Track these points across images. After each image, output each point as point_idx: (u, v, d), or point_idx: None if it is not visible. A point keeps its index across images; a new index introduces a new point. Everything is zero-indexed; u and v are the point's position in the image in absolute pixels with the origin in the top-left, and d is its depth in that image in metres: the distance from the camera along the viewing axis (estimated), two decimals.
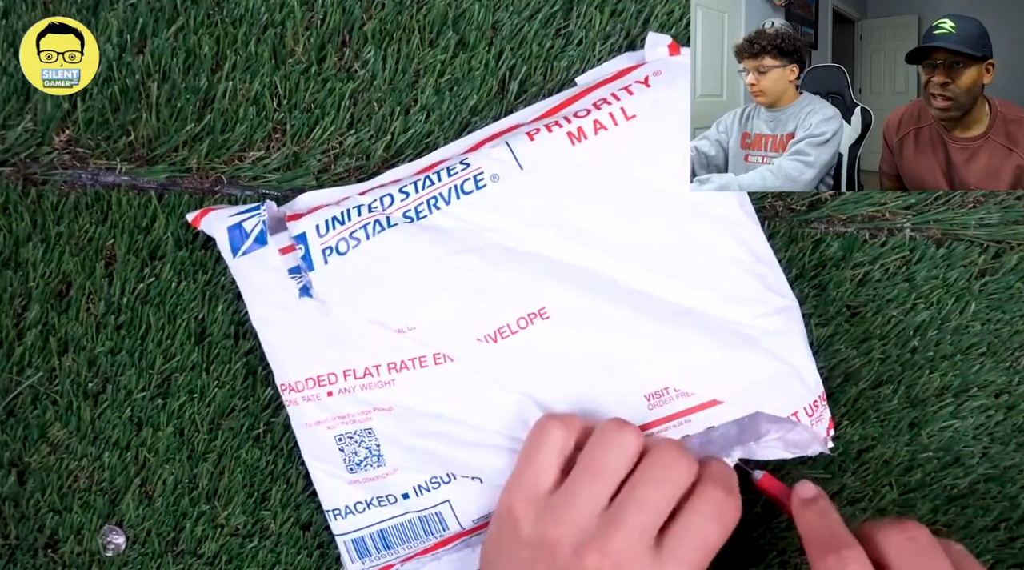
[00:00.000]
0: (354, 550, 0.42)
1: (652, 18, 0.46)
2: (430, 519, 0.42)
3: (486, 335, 0.40)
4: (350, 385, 0.40)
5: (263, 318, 0.42)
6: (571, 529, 0.35)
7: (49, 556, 0.45)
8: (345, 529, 0.42)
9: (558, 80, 0.46)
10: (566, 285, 0.40)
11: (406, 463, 0.41)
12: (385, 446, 0.41)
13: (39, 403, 0.45)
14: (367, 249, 0.40)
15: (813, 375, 0.42)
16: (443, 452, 0.41)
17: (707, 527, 0.35)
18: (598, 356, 0.40)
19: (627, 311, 0.40)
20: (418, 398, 0.40)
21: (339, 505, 0.42)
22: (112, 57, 0.45)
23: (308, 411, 0.41)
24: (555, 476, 0.37)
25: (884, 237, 0.46)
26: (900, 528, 0.35)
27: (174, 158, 0.45)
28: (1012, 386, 0.46)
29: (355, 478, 0.42)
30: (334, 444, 0.41)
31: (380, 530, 0.42)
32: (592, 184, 0.41)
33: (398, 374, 0.40)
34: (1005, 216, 0.46)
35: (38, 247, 0.45)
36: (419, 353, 0.40)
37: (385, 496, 0.42)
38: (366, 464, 0.41)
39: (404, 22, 0.46)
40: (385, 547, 0.42)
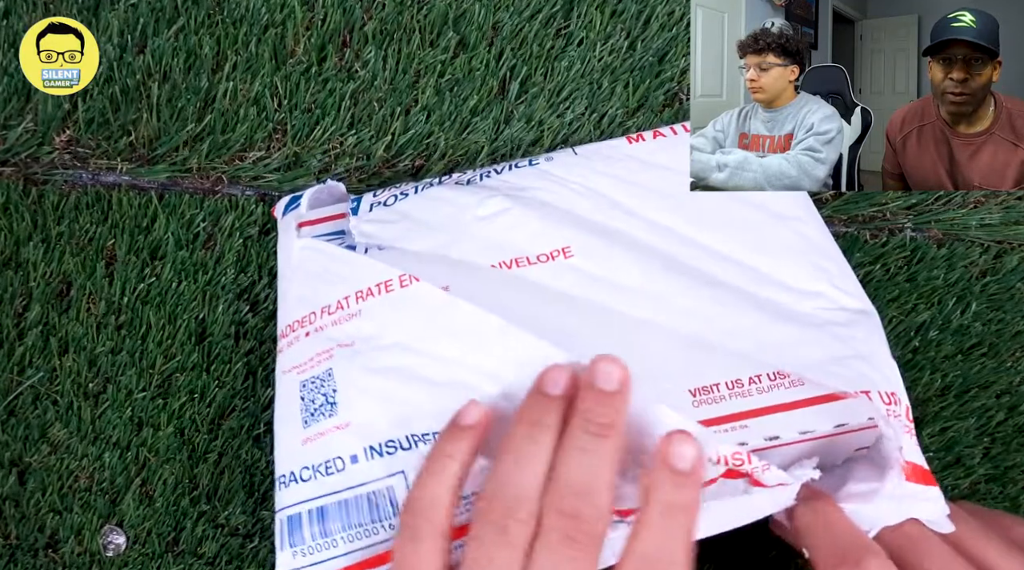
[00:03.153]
0: (287, 531, 0.36)
1: (652, 18, 0.46)
2: (379, 497, 0.35)
3: (500, 261, 0.37)
4: (324, 322, 0.38)
5: (279, 275, 0.41)
6: None
7: (49, 556, 0.45)
8: (285, 502, 0.36)
9: (559, 81, 0.46)
10: (595, 232, 0.38)
11: (360, 414, 0.36)
12: (341, 390, 0.36)
13: (40, 403, 0.45)
14: (412, 199, 0.40)
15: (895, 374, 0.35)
16: (400, 397, 0.35)
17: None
18: (628, 311, 0.35)
19: (658, 268, 0.36)
20: (379, 326, 0.36)
21: (286, 470, 0.37)
22: (113, 57, 0.45)
23: (285, 358, 0.39)
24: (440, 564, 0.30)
25: (885, 237, 0.46)
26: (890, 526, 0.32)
27: (175, 158, 0.45)
28: (1013, 386, 0.46)
29: (308, 434, 0.37)
30: (298, 393, 0.37)
31: (320, 507, 0.35)
32: (645, 173, 0.41)
33: (364, 302, 0.37)
34: (1006, 216, 0.46)
35: (39, 247, 0.45)
36: (385, 277, 0.37)
37: (332, 460, 0.36)
38: (319, 413, 0.36)
39: (405, 22, 0.46)
40: (322, 532, 0.35)
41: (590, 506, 0.28)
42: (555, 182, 0.40)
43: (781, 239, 0.39)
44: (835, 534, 0.31)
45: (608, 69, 0.46)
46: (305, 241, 0.40)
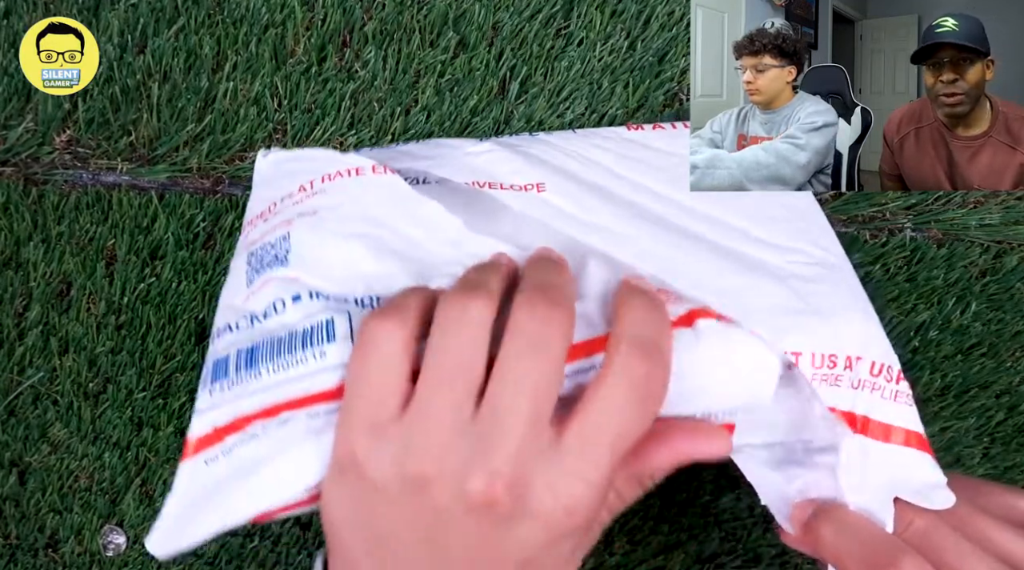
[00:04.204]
0: (211, 373, 0.32)
1: (653, 18, 0.46)
2: (314, 329, 0.30)
3: (474, 181, 0.35)
4: (284, 206, 0.35)
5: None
6: (438, 457, 0.26)
7: (50, 556, 0.45)
8: (216, 350, 0.33)
9: (559, 81, 0.46)
10: (574, 179, 0.37)
11: (314, 267, 0.32)
12: (295, 249, 0.33)
13: (40, 403, 0.45)
14: (413, 143, 0.41)
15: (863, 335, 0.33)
16: (363, 258, 0.32)
17: (622, 412, 0.26)
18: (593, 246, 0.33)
19: (631, 215, 0.35)
20: (351, 199, 0.34)
21: (222, 323, 0.33)
22: (113, 57, 0.45)
23: (240, 245, 0.36)
24: (399, 393, 0.27)
25: (885, 237, 0.46)
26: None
27: (175, 158, 0.45)
28: (1013, 386, 0.46)
29: (252, 289, 0.33)
30: (245, 261, 0.34)
31: (251, 346, 0.31)
32: (643, 151, 0.40)
33: (331, 182, 0.35)
34: (1006, 216, 0.46)
35: (39, 247, 0.45)
36: (357, 164, 0.35)
37: (273, 303, 0.32)
38: (267, 266, 0.33)
39: (405, 22, 0.46)
40: (248, 365, 0.31)
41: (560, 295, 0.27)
42: (552, 147, 0.39)
43: (769, 209, 0.37)
44: (862, 539, 0.30)
45: (608, 69, 0.46)
46: (272, 155, 0.38)
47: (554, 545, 0.27)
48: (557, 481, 0.26)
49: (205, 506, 0.29)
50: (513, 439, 0.26)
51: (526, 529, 0.26)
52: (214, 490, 0.29)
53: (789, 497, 0.34)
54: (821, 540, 0.31)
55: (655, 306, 0.29)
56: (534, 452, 0.26)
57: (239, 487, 0.29)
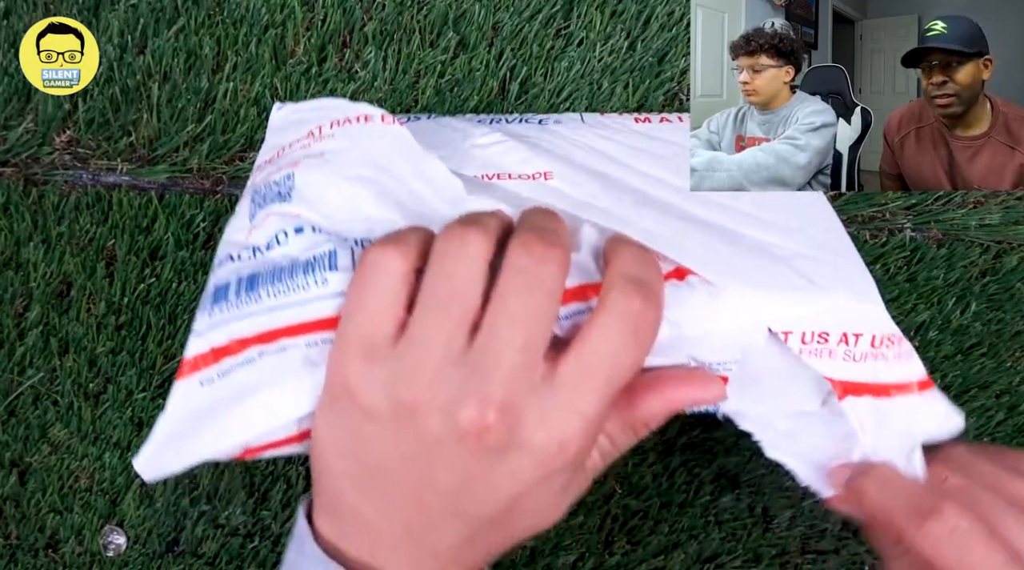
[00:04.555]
0: (211, 297, 0.32)
1: (652, 18, 0.46)
2: (316, 258, 0.30)
3: (483, 174, 0.36)
4: (291, 150, 0.35)
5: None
6: (430, 384, 0.26)
7: (50, 556, 0.45)
8: (218, 276, 0.32)
9: (559, 81, 0.46)
10: (582, 169, 0.37)
11: (318, 206, 0.32)
12: (300, 187, 0.32)
13: (40, 403, 0.45)
14: (423, 122, 0.40)
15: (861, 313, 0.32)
16: (367, 201, 0.32)
17: (616, 346, 0.26)
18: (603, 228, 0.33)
19: (634, 202, 0.35)
20: (358, 145, 0.33)
21: (224, 254, 0.33)
22: (113, 57, 0.45)
23: (246, 189, 0.36)
24: (395, 320, 0.27)
25: (885, 237, 0.46)
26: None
27: (175, 158, 0.45)
28: (1013, 386, 0.46)
29: (254, 223, 0.33)
30: (250, 199, 0.34)
31: (252, 273, 0.31)
32: (649, 142, 0.40)
33: (339, 128, 0.34)
34: (1006, 216, 0.46)
35: (39, 247, 0.45)
36: (367, 112, 0.34)
37: (276, 234, 0.32)
38: (270, 200, 0.33)
39: (404, 23, 0.46)
40: (249, 288, 0.31)
41: (555, 235, 0.27)
42: (559, 137, 0.40)
43: (778, 198, 0.37)
44: (903, 491, 0.31)
45: (608, 69, 0.46)
46: (285, 108, 0.38)
47: (545, 480, 0.27)
48: (550, 414, 0.26)
49: (197, 427, 0.29)
50: (506, 370, 0.25)
51: (517, 461, 0.26)
52: (208, 412, 0.29)
53: (821, 463, 0.34)
54: (865, 497, 0.31)
55: (646, 251, 0.29)
56: (527, 385, 0.26)
57: (232, 411, 0.29)
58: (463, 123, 0.40)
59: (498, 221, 0.29)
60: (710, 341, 0.31)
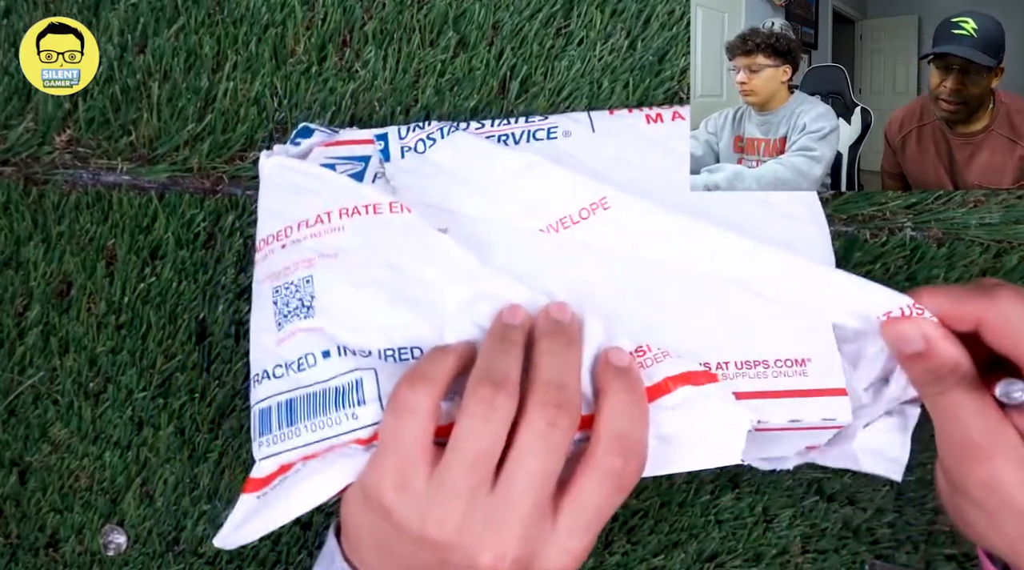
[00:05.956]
0: (259, 423, 0.37)
1: (653, 17, 0.46)
2: (345, 389, 0.35)
3: (548, 225, 0.38)
4: (301, 235, 0.38)
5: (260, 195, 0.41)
6: (457, 530, 0.31)
7: (50, 555, 0.45)
8: (259, 396, 0.37)
9: (559, 80, 0.46)
10: (624, 188, 0.39)
11: (337, 320, 0.36)
12: (319, 297, 0.36)
13: (40, 403, 0.45)
14: (441, 146, 0.41)
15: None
16: (383, 307, 0.36)
17: (602, 500, 0.32)
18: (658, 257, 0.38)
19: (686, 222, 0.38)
20: (369, 243, 0.37)
21: (260, 369, 0.37)
22: (113, 57, 0.45)
23: (260, 270, 0.39)
24: (425, 459, 0.32)
25: (885, 237, 0.46)
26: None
27: (175, 158, 0.45)
28: None
29: (282, 335, 0.37)
30: (270, 297, 0.38)
31: (289, 399, 0.36)
32: (659, 158, 0.41)
33: (349, 220, 0.38)
34: (1006, 215, 0.46)
35: (39, 247, 0.45)
36: (375, 200, 0.38)
37: (305, 356, 0.36)
38: (294, 315, 0.37)
39: (405, 22, 0.46)
40: (289, 422, 0.35)
41: (568, 398, 0.32)
42: (571, 157, 0.41)
43: (781, 237, 0.39)
44: (961, 426, 0.32)
45: (608, 68, 0.46)
46: (275, 159, 0.40)
47: None
48: (551, 556, 0.32)
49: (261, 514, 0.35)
50: (521, 524, 0.31)
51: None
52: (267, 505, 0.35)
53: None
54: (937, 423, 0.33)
55: (632, 393, 0.34)
56: (536, 533, 0.31)
57: (287, 498, 0.35)
58: (481, 144, 0.40)
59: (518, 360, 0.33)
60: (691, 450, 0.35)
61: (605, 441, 0.32)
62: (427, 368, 0.33)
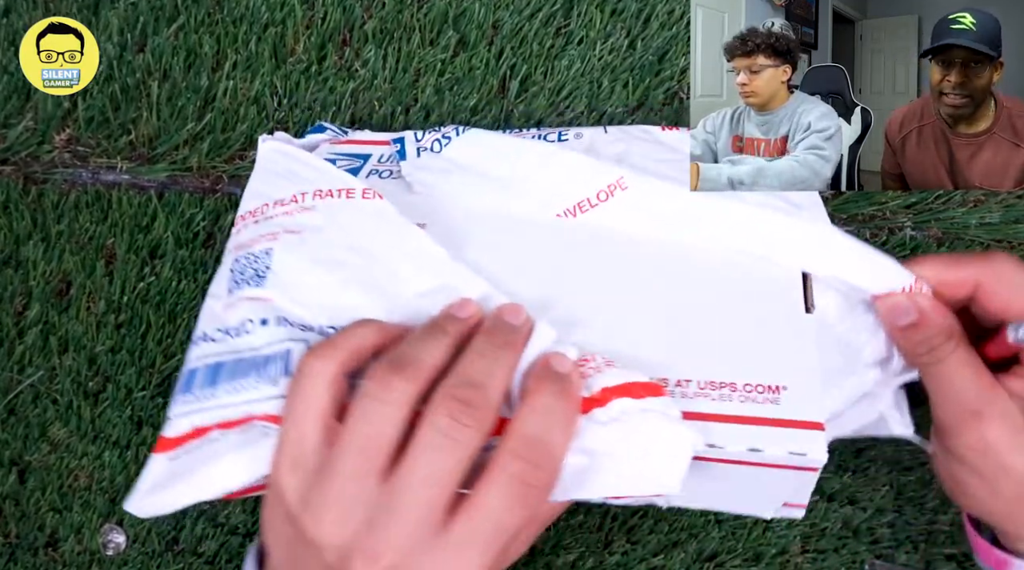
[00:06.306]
0: (183, 383, 0.34)
1: (653, 17, 0.46)
2: (272, 358, 0.33)
3: (566, 209, 0.38)
4: (274, 212, 0.37)
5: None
6: (332, 527, 0.28)
7: (50, 555, 0.45)
8: (191, 357, 0.35)
9: (559, 80, 0.46)
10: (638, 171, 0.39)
11: (287, 291, 0.34)
12: (276, 267, 0.35)
13: (39, 402, 0.45)
14: (456, 143, 0.40)
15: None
16: (334, 286, 0.34)
17: (501, 509, 0.28)
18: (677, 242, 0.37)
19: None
20: (336, 224, 0.36)
21: (201, 332, 0.35)
22: (113, 56, 0.45)
23: (231, 242, 0.38)
24: (321, 430, 0.29)
25: (885, 236, 0.46)
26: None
27: (175, 157, 0.45)
28: None
29: (230, 300, 0.35)
30: (229, 266, 0.36)
31: (217, 362, 0.34)
32: (669, 156, 0.41)
33: (321, 201, 0.37)
34: (1006, 215, 0.46)
35: (38, 246, 0.45)
36: (350, 185, 0.37)
37: (244, 322, 0.34)
38: (245, 283, 0.35)
39: (404, 21, 0.46)
40: (211, 383, 0.33)
41: (481, 398, 0.29)
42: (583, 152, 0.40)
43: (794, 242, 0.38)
44: (956, 391, 0.31)
45: (608, 68, 0.46)
46: (271, 143, 0.40)
47: None
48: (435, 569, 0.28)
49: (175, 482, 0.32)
50: (404, 526, 0.28)
51: None
52: (181, 473, 0.32)
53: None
54: (929, 384, 0.33)
55: (560, 398, 0.30)
56: (419, 541, 0.28)
57: (203, 472, 0.32)
58: (495, 139, 0.40)
59: (443, 347, 0.30)
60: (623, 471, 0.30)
61: (513, 442, 0.29)
62: (339, 338, 0.31)
